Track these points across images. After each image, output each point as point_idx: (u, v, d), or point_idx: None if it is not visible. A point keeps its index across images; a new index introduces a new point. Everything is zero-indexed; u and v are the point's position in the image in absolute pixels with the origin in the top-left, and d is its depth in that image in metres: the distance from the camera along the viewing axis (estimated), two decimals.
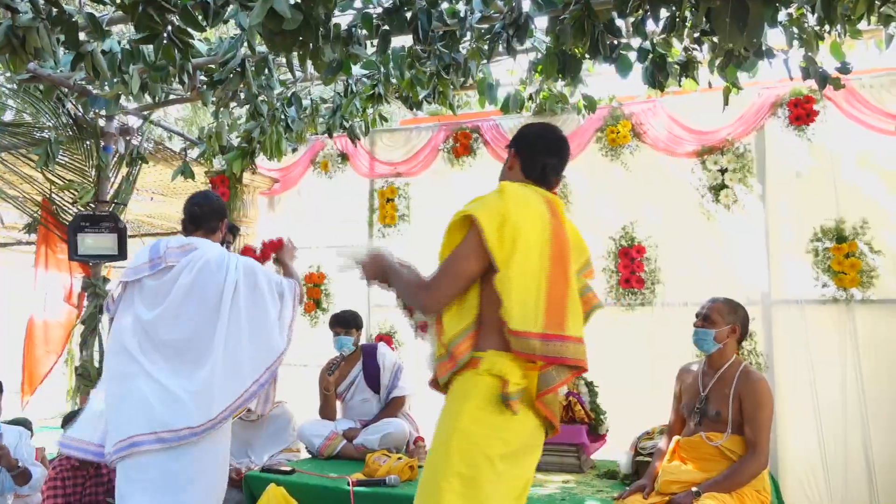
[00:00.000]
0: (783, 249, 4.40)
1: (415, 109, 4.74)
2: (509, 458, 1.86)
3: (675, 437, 3.05)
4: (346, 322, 4.45)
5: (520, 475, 1.92)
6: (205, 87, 4.01)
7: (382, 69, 4.22)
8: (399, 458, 3.59)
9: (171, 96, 4.72)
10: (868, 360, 4.16)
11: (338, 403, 4.54)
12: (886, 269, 4.14)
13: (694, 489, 2.74)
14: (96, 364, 4.92)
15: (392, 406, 4.37)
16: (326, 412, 4.45)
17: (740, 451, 2.83)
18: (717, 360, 3.01)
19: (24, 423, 4.81)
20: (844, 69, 3.65)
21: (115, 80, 3.68)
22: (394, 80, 4.33)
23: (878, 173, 4.24)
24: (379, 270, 2.20)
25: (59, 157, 4.89)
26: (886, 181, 4.22)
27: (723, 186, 4.45)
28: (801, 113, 4.30)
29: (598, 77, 4.63)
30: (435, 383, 2.08)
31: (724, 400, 2.91)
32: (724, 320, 2.99)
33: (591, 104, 4.64)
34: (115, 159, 5.09)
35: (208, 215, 3.07)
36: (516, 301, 1.83)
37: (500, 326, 1.86)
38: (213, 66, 3.99)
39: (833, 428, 4.18)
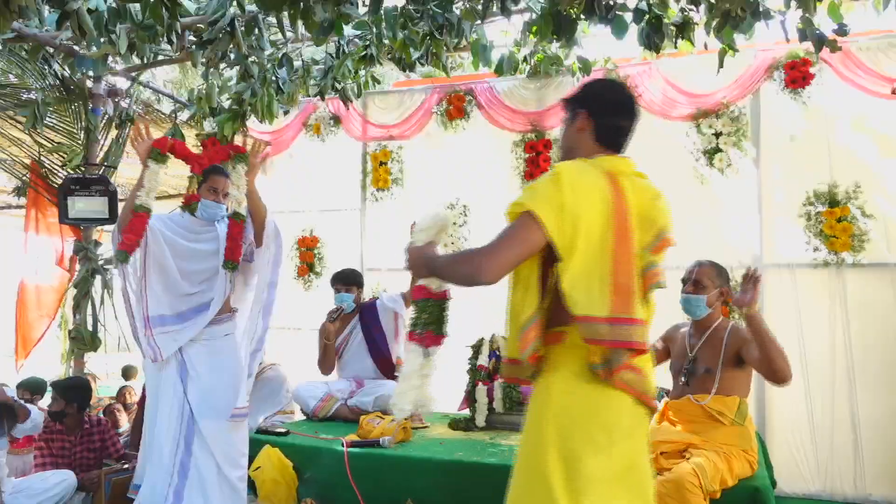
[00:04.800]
0: (776, 213, 4.40)
1: (408, 71, 4.68)
2: (607, 431, 1.77)
3: (665, 400, 3.09)
4: (346, 279, 4.51)
5: (623, 453, 1.79)
6: (194, 47, 3.94)
7: (375, 30, 4.15)
8: (392, 420, 3.63)
9: (160, 57, 4.64)
10: (857, 323, 4.20)
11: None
12: (878, 233, 4.15)
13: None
14: (90, 327, 4.93)
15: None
16: (325, 364, 4.49)
17: (725, 411, 2.88)
18: (706, 321, 3.04)
19: (40, 385, 4.85)
20: (842, 31, 3.61)
21: (101, 39, 3.61)
22: (386, 41, 4.26)
23: (871, 137, 4.23)
24: (421, 262, 2.05)
25: (48, 119, 4.83)
26: (880, 145, 4.21)
27: (717, 150, 4.43)
28: (797, 76, 4.26)
29: (593, 38, 4.58)
30: (513, 376, 1.98)
31: (715, 357, 2.95)
32: (713, 284, 3.01)
33: (586, 66, 4.59)
34: (104, 121, 5.03)
35: None
36: (580, 287, 1.76)
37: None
38: (202, 26, 3.91)
39: (821, 390, 4.24)
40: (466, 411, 4.02)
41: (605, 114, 1.96)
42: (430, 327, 2.12)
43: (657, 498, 2.66)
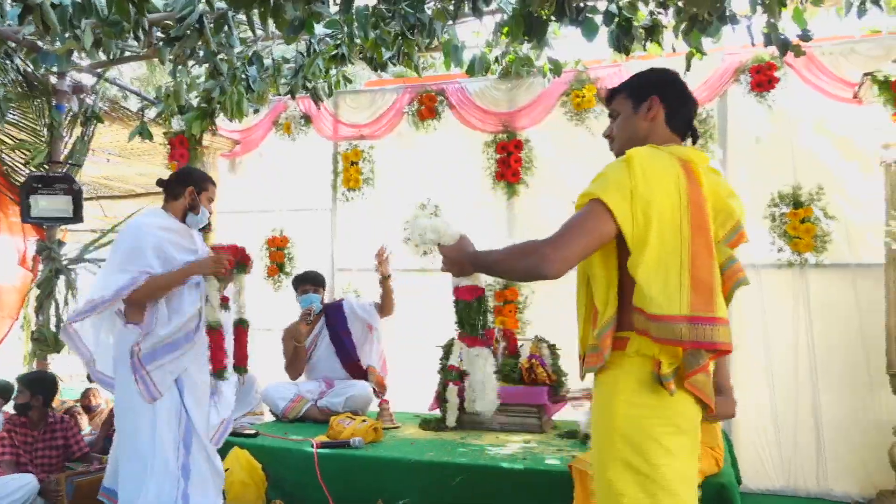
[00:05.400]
0: None
1: (379, 71, 4.66)
2: (676, 436, 1.67)
3: None
4: (316, 280, 4.51)
5: (692, 457, 1.71)
6: (161, 43, 3.88)
7: (346, 29, 4.13)
8: (363, 421, 3.62)
9: (126, 53, 4.56)
10: (819, 323, 4.29)
11: None
12: (839, 234, 4.26)
13: None
14: (53, 328, 4.83)
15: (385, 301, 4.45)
16: (296, 367, 4.46)
17: None
18: None
19: (6, 388, 4.75)
20: (805, 36, 3.69)
21: (66, 35, 3.54)
22: (358, 41, 4.25)
23: (833, 140, 4.33)
24: (466, 259, 1.95)
25: (10, 115, 4.72)
26: (841, 148, 4.32)
27: None
28: (762, 79, 4.34)
29: (564, 40, 4.61)
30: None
31: None
32: None
33: (556, 67, 4.62)
34: (69, 118, 4.93)
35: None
36: (655, 283, 1.62)
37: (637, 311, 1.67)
38: (169, 23, 3.85)
39: (785, 388, 4.32)
40: (437, 411, 4.02)
41: (679, 100, 1.87)
42: (485, 325, 2.14)
43: None
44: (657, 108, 1.84)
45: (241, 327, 3.16)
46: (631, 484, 1.65)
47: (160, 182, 3.16)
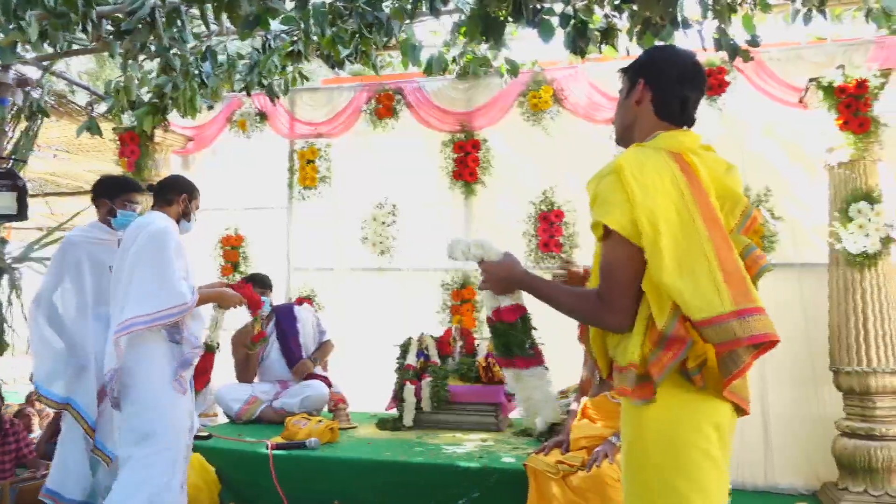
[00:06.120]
0: None
1: (336, 69, 4.63)
2: (715, 441, 1.59)
3: (584, 399, 3.16)
4: (265, 282, 4.45)
5: (726, 461, 1.64)
6: (111, 37, 3.78)
7: (302, 25, 4.09)
8: (319, 421, 3.59)
9: (75, 46, 4.43)
10: None
11: None
12: (785, 234, 4.38)
13: (612, 439, 2.84)
14: None
15: (324, 349, 4.43)
16: (247, 373, 4.40)
17: None
18: None
19: None
20: (754, 42, 3.79)
21: (10, 26, 3.42)
22: (314, 38, 4.20)
23: (780, 144, 4.46)
24: (515, 278, 1.86)
25: None
26: (787, 151, 4.45)
27: None
28: (713, 83, 4.44)
29: (521, 41, 4.65)
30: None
31: None
32: None
33: (513, 68, 4.65)
34: (13, 112, 4.78)
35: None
36: (687, 287, 1.50)
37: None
38: (119, 16, 3.76)
39: None
40: (394, 411, 4.01)
41: (668, 82, 1.73)
42: (534, 343, 2.08)
43: (578, 493, 2.74)
44: (641, 94, 1.75)
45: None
46: (669, 494, 1.56)
47: (151, 187, 3.27)
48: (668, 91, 1.73)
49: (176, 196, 3.18)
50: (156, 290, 2.86)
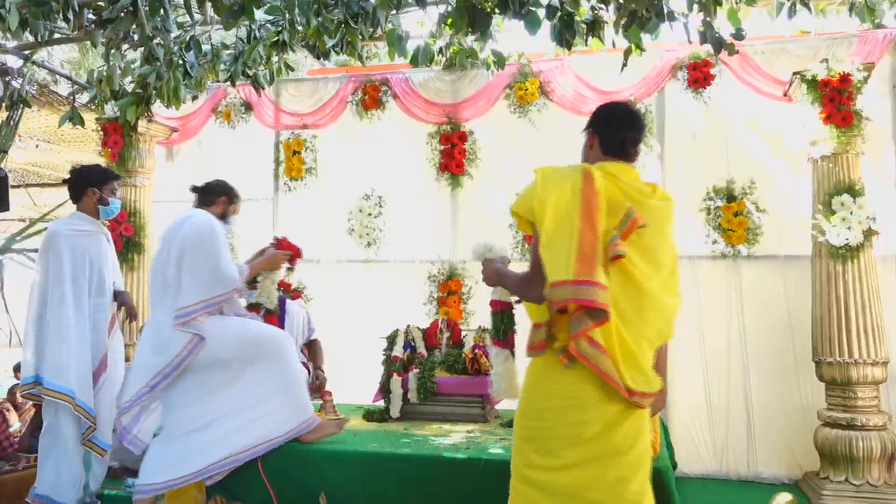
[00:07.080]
0: (678, 207, 4.51)
1: (322, 59, 4.60)
2: (562, 402, 2.04)
3: None
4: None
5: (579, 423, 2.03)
6: (93, 26, 3.73)
7: (287, 15, 4.05)
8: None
9: (56, 35, 4.37)
10: (751, 313, 4.46)
11: None
12: (769, 227, 4.42)
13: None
14: None
15: (317, 351, 4.42)
16: None
17: None
18: None
19: None
20: (738, 35, 3.80)
21: None
22: (300, 28, 4.17)
23: (765, 137, 4.50)
24: (489, 273, 2.41)
25: None
26: (771, 144, 4.48)
27: None
28: (698, 76, 4.47)
29: (507, 33, 4.64)
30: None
31: None
32: None
33: (500, 60, 4.64)
34: None
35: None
36: (550, 257, 1.98)
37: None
38: (101, 4, 3.71)
39: (718, 375, 4.48)
40: (381, 402, 4.01)
41: (609, 127, 2.24)
42: (510, 331, 2.72)
43: None
44: (591, 139, 2.27)
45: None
46: (523, 457, 2.11)
47: (195, 188, 3.45)
48: (609, 134, 2.24)
49: (217, 198, 3.41)
50: (209, 277, 3.05)
